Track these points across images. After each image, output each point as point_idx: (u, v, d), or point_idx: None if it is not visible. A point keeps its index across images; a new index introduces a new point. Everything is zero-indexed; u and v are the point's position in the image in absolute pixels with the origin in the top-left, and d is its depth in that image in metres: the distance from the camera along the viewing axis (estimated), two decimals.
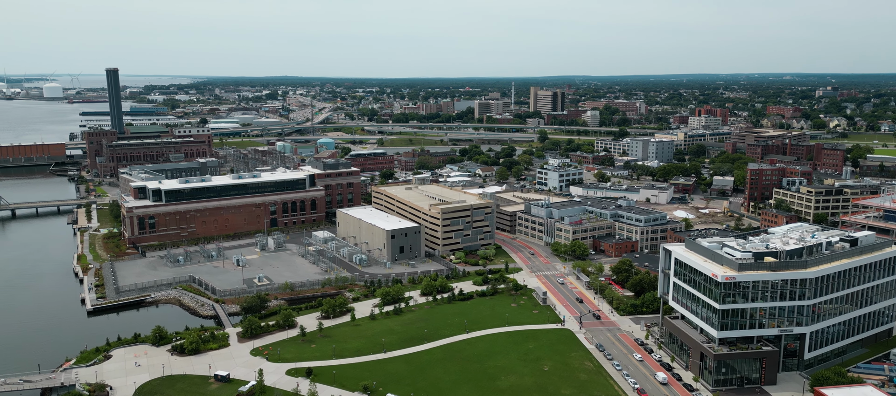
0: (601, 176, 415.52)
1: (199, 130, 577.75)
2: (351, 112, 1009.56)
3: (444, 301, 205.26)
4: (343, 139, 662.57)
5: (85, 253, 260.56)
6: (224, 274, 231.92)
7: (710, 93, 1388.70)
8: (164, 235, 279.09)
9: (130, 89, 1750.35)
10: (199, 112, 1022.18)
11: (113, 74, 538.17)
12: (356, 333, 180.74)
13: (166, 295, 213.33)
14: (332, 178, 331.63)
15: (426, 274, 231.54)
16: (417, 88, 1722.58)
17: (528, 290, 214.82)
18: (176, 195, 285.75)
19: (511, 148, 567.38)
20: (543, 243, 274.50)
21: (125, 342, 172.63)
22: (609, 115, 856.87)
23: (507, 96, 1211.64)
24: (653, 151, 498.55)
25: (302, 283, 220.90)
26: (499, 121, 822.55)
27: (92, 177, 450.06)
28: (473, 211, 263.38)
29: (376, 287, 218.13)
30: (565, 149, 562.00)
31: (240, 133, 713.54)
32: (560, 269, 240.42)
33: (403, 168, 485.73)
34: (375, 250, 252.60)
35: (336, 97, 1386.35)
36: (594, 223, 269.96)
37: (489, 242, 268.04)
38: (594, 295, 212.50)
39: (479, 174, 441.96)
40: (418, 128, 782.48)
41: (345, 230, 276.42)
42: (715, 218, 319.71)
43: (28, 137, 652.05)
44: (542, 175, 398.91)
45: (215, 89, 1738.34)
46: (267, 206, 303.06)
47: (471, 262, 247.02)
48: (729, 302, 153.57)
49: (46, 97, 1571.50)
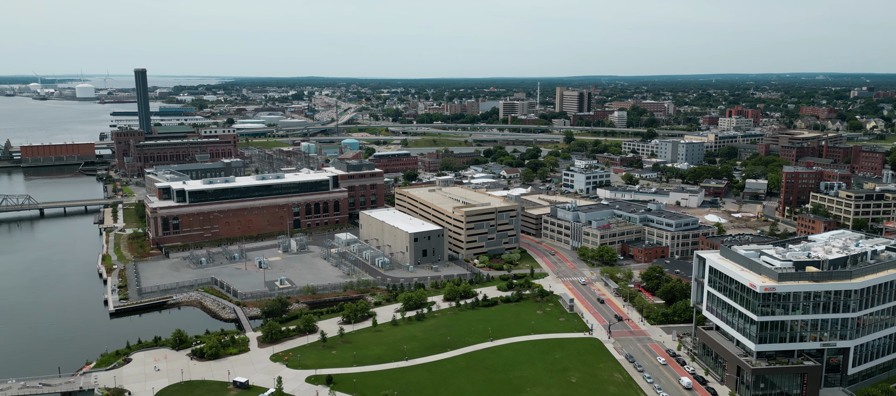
0: (629, 178, 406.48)
1: (224, 131, 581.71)
2: (376, 112, 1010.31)
3: (467, 307, 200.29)
4: (367, 140, 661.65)
5: (110, 253, 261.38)
6: (246, 277, 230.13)
7: (740, 94, 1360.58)
8: (188, 236, 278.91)
9: (160, 89, 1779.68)
10: (226, 112, 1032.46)
11: (141, 75, 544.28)
12: (378, 339, 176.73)
13: (188, 297, 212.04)
14: (355, 180, 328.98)
15: (449, 278, 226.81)
16: (442, 89, 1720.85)
17: (555, 297, 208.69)
18: (200, 196, 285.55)
19: (536, 149, 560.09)
20: (570, 247, 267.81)
21: (145, 345, 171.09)
22: (636, 116, 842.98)
23: (532, 96, 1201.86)
24: (682, 153, 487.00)
25: (323, 286, 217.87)
26: (524, 121, 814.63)
27: (119, 177, 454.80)
28: (498, 214, 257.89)
29: (399, 291, 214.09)
30: (592, 151, 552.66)
31: (265, 133, 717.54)
32: (587, 275, 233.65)
33: (427, 169, 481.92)
34: (398, 253, 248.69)
35: (361, 97, 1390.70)
36: (623, 227, 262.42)
37: (514, 246, 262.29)
38: (623, 302, 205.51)
39: (504, 175, 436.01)
40: (442, 129, 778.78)
41: (367, 232, 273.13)
42: (748, 223, 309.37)
43: (59, 137, 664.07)
44: (569, 177, 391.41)
45: (242, 90, 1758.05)
46: (290, 208, 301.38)
47: (495, 267, 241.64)
48: (768, 314, 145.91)
49: (79, 97, 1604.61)
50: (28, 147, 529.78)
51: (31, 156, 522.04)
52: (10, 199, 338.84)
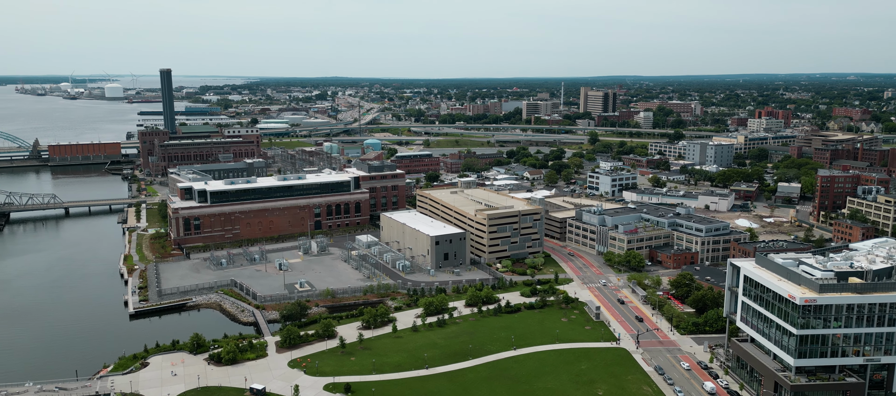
0: (656, 180, 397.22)
1: (248, 130, 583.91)
2: (398, 112, 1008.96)
3: (489, 313, 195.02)
4: (389, 140, 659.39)
5: (131, 253, 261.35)
6: (266, 279, 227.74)
7: (769, 94, 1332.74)
8: (209, 236, 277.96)
9: (187, 89, 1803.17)
10: (250, 112, 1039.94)
11: (166, 75, 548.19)
12: (397, 346, 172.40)
13: (207, 300, 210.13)
14: (376, 181, 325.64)
15: (471, 283, 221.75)
16: (464, 89, 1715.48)
17: (580, 304, 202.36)
18: (221, 196, 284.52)
19: (560, 150, 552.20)
20: (595, 252, 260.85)
21: (163, 348, 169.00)
22: (663, 117, 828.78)
23: (556, 97, 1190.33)
24: (711, 155, 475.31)
25: (343, 290, 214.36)
26: (547, 122, 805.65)
27: (144, 176, 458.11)
28: (521, 218, 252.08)
29: (419, 295, 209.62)
30: (617, 152, 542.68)
31: (289, 133, 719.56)
32: (614, 281, 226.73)
33: (449, 170, 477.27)
34: (419, 256, 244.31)
35: (384, 98, 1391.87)
36: (650, 232, 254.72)
37: (538, 250, 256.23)
38: (651, 310, 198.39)
39: (527, 177, 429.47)
40: (465, 129, 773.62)
41: (388, 234, 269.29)
42: (781, 228, 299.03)
43: (87, 136, 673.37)
44: (594, 179, 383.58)
45: (267, 90, 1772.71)
46: (311, 209, 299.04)
47: (518, 271, 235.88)
48: (808, 327, 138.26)
49: (108, 97, 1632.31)
50: (56, 146, 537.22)
51: (59, 155, 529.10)
52: (36, 198, 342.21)
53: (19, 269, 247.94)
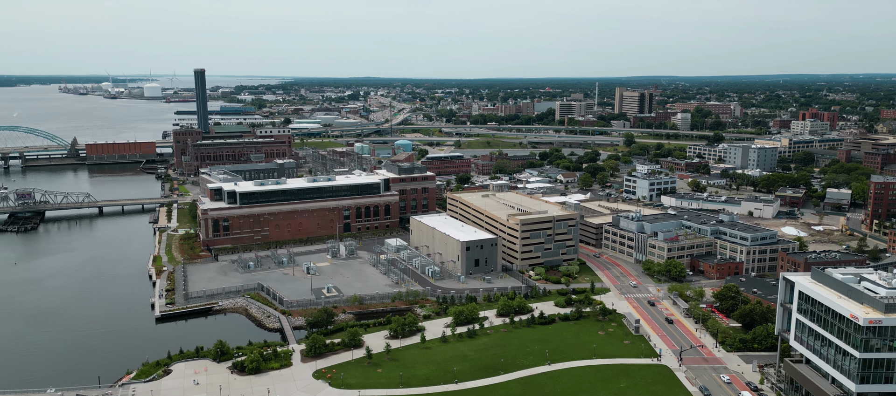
0: (696, 185, 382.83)
1: (280, 131, 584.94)
2: (429, 113, 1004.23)
3: (522, 324, 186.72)
4: (420, 140, 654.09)
5: (161, 254, 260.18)
6: (293, 283, 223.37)
7: (811, 95, 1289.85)
8: (238, 238, 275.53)
9: (222, 89, 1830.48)
10: (283, 112, 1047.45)
11: (200, 75, 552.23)
12: (426, 357, 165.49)
13: (234, 304, 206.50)
14: (406, 183, 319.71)
15: (503, 291, 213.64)
16: (496, 89, 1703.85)
17: (618, 316, 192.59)
18: (250, 198, 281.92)
19: (595, 152, 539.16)
20: (633, 260, 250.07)
21: (187, 355, 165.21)
22: (701, 118, 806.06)
23: (589, 97, 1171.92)
24: (754, 158, 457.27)
25: (371, 296, 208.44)
26: (581, 123, 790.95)
27: (177, 176, 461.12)
28: (556, 223, 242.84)
29: (449, 303, 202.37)
30: (654, 155, 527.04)
31: (320, 133, 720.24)
32: (653, 292, 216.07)
33: (480, 172, 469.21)
34: (449, 262, 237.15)
35: (415, 98, 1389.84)
36: (692, 240, 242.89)
37: (572, 257, 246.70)
38: (694, 324, 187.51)
39: (561, 180, 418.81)
40: (496, 130, 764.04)
41: (418, 238, 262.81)
42: (831, 238, 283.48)
43: (124, 135, 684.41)
44: (631, 183, 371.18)
45: (301, 90, 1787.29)
46: (340, 211, 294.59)
47: (552, 280, 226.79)
48: (872, 350, 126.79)
49: (146, 96, 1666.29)
50: (93, 145, 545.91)
51: (96, 154, 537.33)
52: (71, 197, 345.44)
53: (50, 269, 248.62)
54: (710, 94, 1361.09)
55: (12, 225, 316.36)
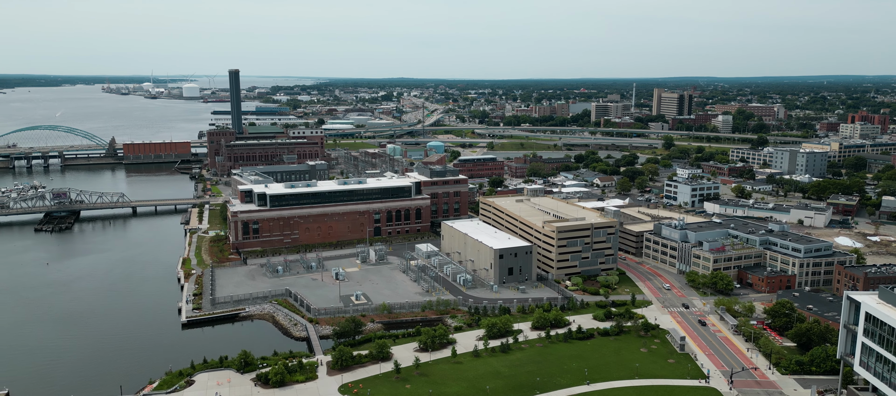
0: (740, 191, 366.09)
1: (313, 131, 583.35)
2: (462, 114, 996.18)
3: (558, 338, 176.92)
4: (453, 142, 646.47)
5: (190, 256, 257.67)
6: (321, 289, 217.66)
7: (858, 97, 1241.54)
8: (268, 241, 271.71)
9: (259, 89, 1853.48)
10: (317, 112, 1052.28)
11: (234, 75, 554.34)
12: (457, 373, 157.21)
13: (261, 310, 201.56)
14: (438, 186, 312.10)
15: (538, 302, 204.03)
16: (530, 90, 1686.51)
17: (661, 331, 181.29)
18: (280, 200, 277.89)
19: (633, 155, 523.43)
20: (676, 271, 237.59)
21: (211, 365, 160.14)
22: (743, 121, 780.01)
23: (626, 98, 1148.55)
24: (802, 163, 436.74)
25: (400, 305, 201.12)
26: (618, 125, 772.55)
27: (210, 176, 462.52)
28: (594, 231, 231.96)
29: (481, 314, 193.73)
30: (695, 159, 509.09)
31: (353, 134, 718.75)
32: (699, 306, 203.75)
33: (514, 175, 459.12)
34: (481, 270, 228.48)
35: (448, 98, 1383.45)
36: (740, 250, 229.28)
37: (611, 267, 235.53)
38: (744, 342, 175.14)
39: (597, 184, 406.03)
40: (530, 132, 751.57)
41: (449, 244, 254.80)
42: (889, 249, 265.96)
43: (162, 135, 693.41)
44: (671, 188, 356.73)
45: (335, 90, 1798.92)
46: (371, 214, 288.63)
47: (590, 291, 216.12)
48: None
49: (185, 96, 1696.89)
50: (130, 144, 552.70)
51: (133, 154, 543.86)
52: (105, 197, 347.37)
53: (81, 270, 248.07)
54: (751, 96, 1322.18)
55: (48, 224, 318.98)
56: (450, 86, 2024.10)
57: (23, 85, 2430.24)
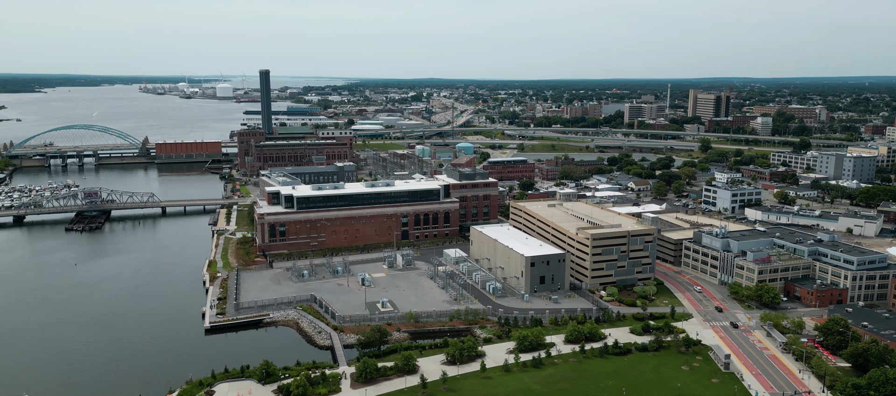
0: (783, 196, 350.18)
1: (342, 132, 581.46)
2: (492, 114, 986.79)
3: (593, 353, 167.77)
4: (482, 143, 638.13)
5: (216, 259, 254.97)
6: (347, 295, 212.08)
7: None
8: (294, 244, 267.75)
9: (291, 90, 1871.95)
10: (347, 113, 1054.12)
11: (265, 76, 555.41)
12: (486, 389, 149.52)
13: (285, 316, 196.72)
14: (467, 189, 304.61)
15: (571, 313, 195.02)
16: (561, 90, 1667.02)
17: (704, 347, 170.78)
18: (307, 202, 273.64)
19: (668, 158, 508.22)
20: (717, 281, 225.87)
21: (232, 374, 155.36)
22: (783, 123, 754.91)
23: (660, 99, 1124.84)
24: (849, 168, 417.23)
25: (427, 314, 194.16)
26: (652, 126, 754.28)
27: (240, 176, 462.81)
28: (631, 239, 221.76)
29: (512, 326, 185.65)
30: (734, 162, 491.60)
31: (382, 135, 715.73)
32: (743, 320, 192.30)
33: (545, 177, 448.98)
34: (512, 278, 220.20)
35: (478, 99, 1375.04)
36: (787, 261, 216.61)
37: (649, 276, 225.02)
38: (794, 361, 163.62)
39: (632, 188, 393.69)
40: (561, 133, 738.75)
41: (478, 250, 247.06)
42: None
43: (195, 134, 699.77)
44: (710, 193, 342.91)
45: (366, 91, 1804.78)
46: (398, 217, 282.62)
47: (626, 301, 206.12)
48: None
49: (218, 96, 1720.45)
50: (162, 144, 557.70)
51: (165, 153, 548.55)
52: (135, 197, 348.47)
53: (108, 271, 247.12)
54: (790, 97, 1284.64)
55: (79, 223, 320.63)
56: (480, 86, 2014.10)
57: (64, 84, 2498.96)
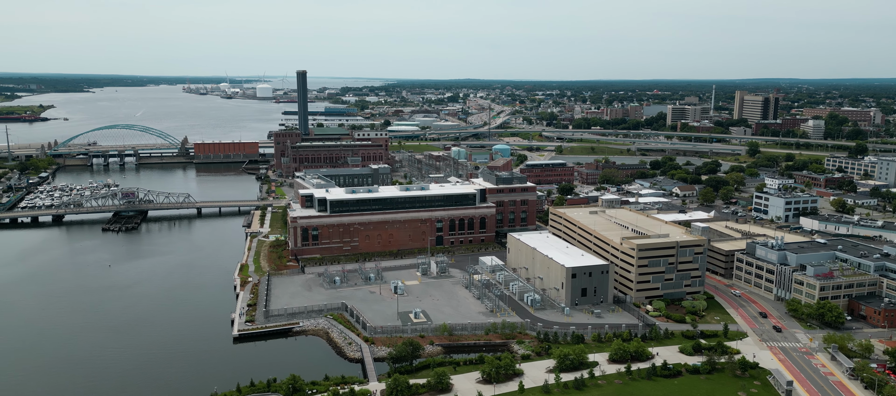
0: (841, 205, 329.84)
1: (378, 133, 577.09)
2: (529, 116, 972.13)
3: (640, 374, 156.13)
4: (519, 145, 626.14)
5: (248, 262, 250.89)
6: (379, 304, 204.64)
7: None
8: (327, 248, 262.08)
9: (329, 90, 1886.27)
10: (384, 114, 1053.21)
11: (302, 76, 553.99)
12: None
13: (315, 325, 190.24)
14: (504, 194, 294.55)
15: (615, 329, 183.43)
16: (600, 91, 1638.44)
17: (762, 371, 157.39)
18: (341, 206, 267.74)
19: (714, 162, 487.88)
20: (773, 297, 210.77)
21: (258, 388, 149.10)
22: (835, 126, 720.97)
23: (704, 101, 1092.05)
24: None
25: (462, 326, 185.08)
26: (696, 129, 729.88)
27: (276, 177, 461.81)
28: (679, 250, 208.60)
29: (552, 342, 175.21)
30: (785, 167, 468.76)
31: (418, 136, 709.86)
32: (803, 341, 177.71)
33: (584, 181, 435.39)
34: (551, 289, 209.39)
35: (515, 100, 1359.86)
36: (851, 277, 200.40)
37: (698, 290, 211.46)
38: (864, 391, 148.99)
39: (677, 194, 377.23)
40: (601, 135, 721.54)
41: (515, 258, 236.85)
42: None
43: (232, 135, 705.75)
44: (761, 200, 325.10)
45: (403, 91, 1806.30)
46: (433, 222, 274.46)
47: (674, 317, 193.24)
48: None
49: (258, 97, 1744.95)
50: (201, 144, 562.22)
51: (203, 153, 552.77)
52: (172, 197, 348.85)
53: (141, 274, 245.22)
54: (841, 99, 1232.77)
55: (116, 223, 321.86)
56: (516, 87, 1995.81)
57: (111, 85, 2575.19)
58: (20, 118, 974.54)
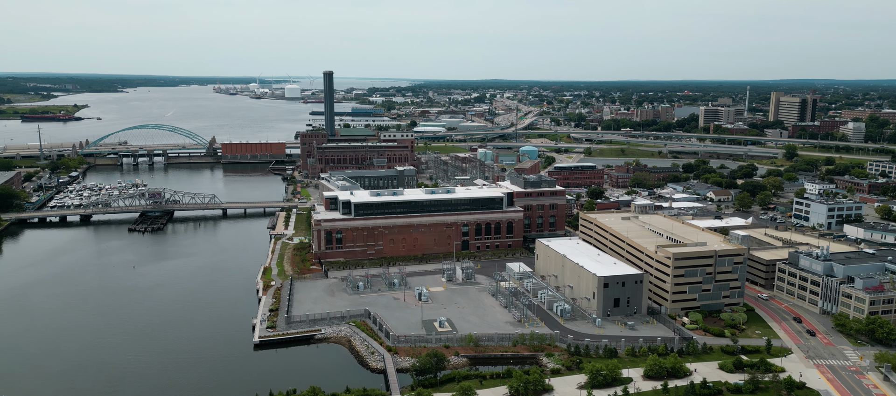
0: (887, 212, 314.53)
1: (403, 135, 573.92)
2: (557, 117, 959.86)
3: (678, 392, 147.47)
4: (547, 147, 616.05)
5: (271, 265, 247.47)
6: (403, 311, 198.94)
7: None
8: (351, 252, 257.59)
9: (356, 91, 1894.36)
10: (410, 114, 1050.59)
11: (328, 77, 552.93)
12: None
13: (337, 333, 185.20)
14: (532, 198, 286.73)
15: (650, 342, 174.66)
16: (629, 92, 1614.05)
17: (810, 392, 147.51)
18: (365, 209, 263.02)
19: (750, 166, 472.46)
20: (819, 310, 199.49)
21: None
22: (877, 129, 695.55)
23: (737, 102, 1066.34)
24: None
25: (489, 337, 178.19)
26: (730, 131, 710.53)
27: (302, 178, 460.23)
28: (717, 259, 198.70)
29: (583, 355, 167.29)
30: (826, 172, 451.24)
31: (444, 137, 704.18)
32: (853, 359, 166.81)
33: (614, 185, 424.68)
34: (582, 299, 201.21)
35: (542, 101, 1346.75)
36: None
37: (737, 301, 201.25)
38: None
39: (712, 198, 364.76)
40: (631, 137, 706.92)
41: (544, 266, 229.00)
42: None
43: (260, 135, 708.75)
44: (801, 206, 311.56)
45: (429, 92, 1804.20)
46: (459, 226, 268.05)
47: (713, 331, 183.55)
48: None
49: (287, 97, 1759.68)
50: (228, 144, 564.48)
51: (230, 153, 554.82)
52: (198, 198, 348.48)
53: (164, 276, 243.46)
54: (881, 100, 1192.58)
55: (142, 223, 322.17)
56: (544, 87, 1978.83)
57: (144, 85, 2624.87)
58: (55, 117, 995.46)
